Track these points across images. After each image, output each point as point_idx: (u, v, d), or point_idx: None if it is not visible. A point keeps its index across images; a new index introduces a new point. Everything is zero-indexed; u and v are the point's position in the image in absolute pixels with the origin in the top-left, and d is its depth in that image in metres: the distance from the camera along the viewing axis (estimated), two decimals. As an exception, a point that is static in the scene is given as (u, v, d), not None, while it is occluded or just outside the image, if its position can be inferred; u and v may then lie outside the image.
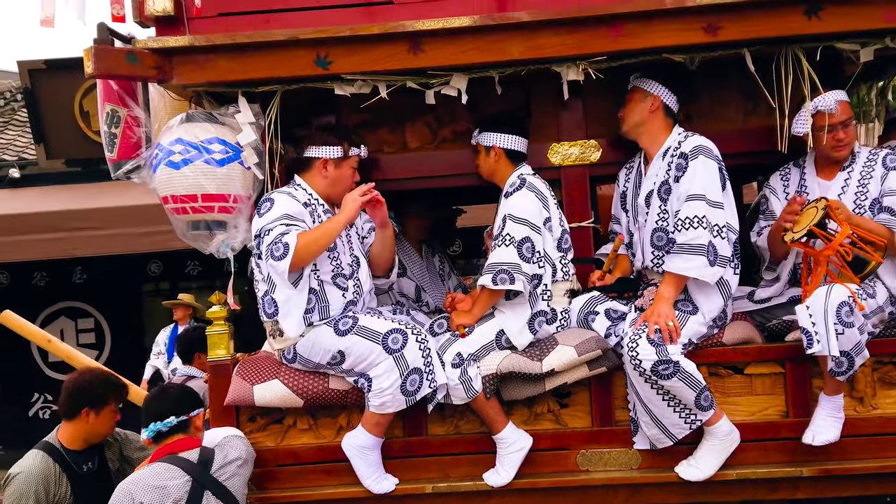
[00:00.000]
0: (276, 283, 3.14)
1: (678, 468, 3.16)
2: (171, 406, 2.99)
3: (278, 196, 3.24)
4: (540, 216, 3.23)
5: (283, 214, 3.15)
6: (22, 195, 9.75)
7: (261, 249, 3.16)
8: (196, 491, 2.84)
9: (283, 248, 3.06)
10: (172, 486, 2.82)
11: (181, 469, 2.86)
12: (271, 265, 3.09)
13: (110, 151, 3.43)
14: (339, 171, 3.35)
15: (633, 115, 3.33)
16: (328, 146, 3.34)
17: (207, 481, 2.88)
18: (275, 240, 3.08)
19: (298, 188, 3.34)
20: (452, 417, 3.34)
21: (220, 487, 2.89)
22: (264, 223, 3.15)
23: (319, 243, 3.14)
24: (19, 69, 9.73)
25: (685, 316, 3.13)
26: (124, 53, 3.07)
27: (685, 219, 3.10)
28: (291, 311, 3.16)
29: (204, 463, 2.91)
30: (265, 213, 3.18)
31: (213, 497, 2.87)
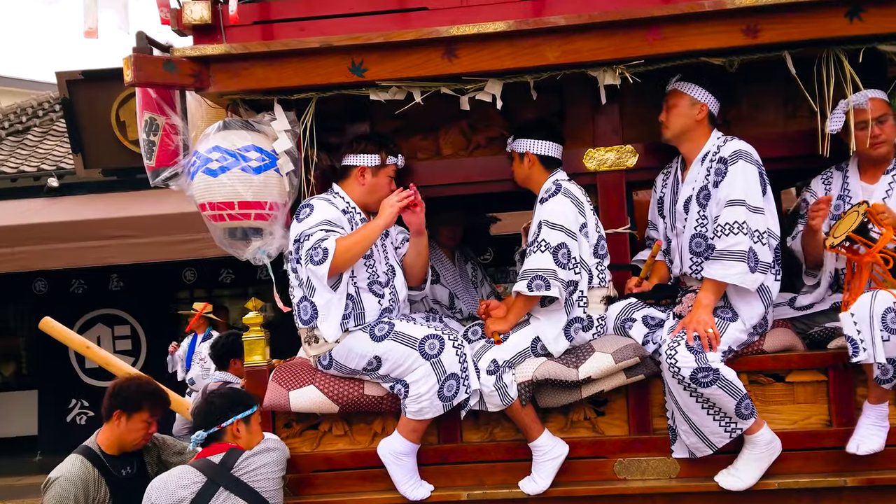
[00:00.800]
0: (315, 287, 3.15)
1: (718, 477, 3.11)
2: (198, 422, 3.06)
3: (317, 202, 3.26)
4: (576, 222, 3.21)
5: (322, 220, 3.17)
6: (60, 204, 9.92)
7: (300, 254, 3.17)
8: (207, 489, 2.88)
9: (322, 252, 3.08)
10: (180, 484, 2.89)
11: (198, 470, 2.92)
12: (311, 269, 3.11)
13: (149, 159, 3.47)
14: (376, 180, 3.37)
15: (678, 121, 3.27)
16: (366, 154, 3.36)
17: (224, 479, 2.90)
18: (314, 245, 3.10)
19: (337, 196, 3.36)
20: (487, 425, 3.32)
21: (239, 484, 2.91)
22: (303, 228, 3.17)
23: (358, 248, 3.15)
24: (58, 80, 9.92)
25: (725, 323, 3.09)
26: (163, 62, 3.11)
27: (725, 224, 3.05)
28: (330, 316, 3.16)
29: (225, 463, 2.94)
30: (304, 218, 3.20)
31: (229, 494, 2.88)
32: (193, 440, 3.03)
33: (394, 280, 3.38)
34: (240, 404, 3.07)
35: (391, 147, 3.43)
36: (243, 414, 3.04)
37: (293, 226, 3.25)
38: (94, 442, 3.40)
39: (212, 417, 3.02)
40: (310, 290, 3.17)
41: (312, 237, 3.13)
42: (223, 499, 2.88)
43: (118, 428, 3.37)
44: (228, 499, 2.88)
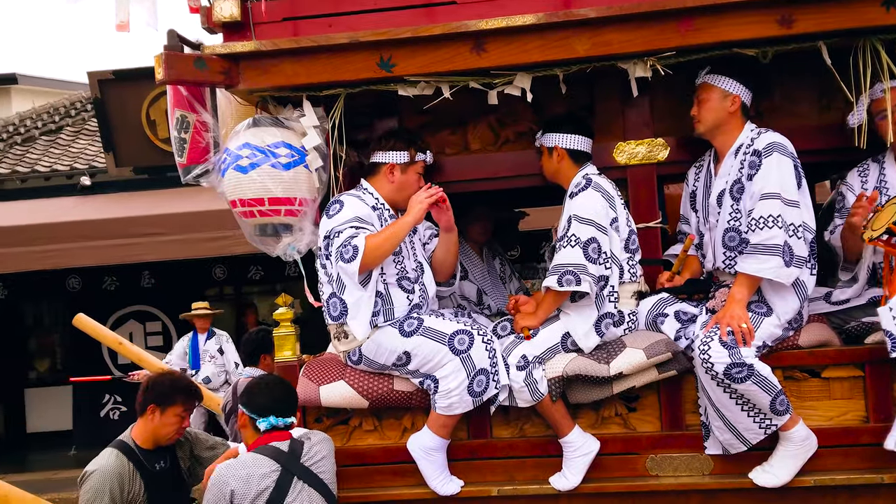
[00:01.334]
0: (345, 284, 3.15)
1: (752, 474, 3.07)
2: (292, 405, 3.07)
3: (347, 198, 3.26)
4: (606, 216, 3.18)
5: (353, 217, 3.18)
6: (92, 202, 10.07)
7: (329, 251, 3.18)
8: (284, 478, 2.88)
9: (352, 250, 3.08)
10: (259, 473, 2.87)
11: (270, 458, 2.91)
12: (341, 267, 3.11)
13: (180, 156, 3.50)
14: (405, 177, 3.36)
15: (710, 115, 3.22)
16: (395, 151, 3.35)
17: (297, 469, 2.92)
18: (344, 242, 3.11)
19: (366, 192, 3.36)
20: (517, 420, 3.31)
21: (310, 475, 2.94)
22: (334, 225, 3.18)
23: (387, 245, 3.15)
24: (89, 80, 10.05)
25: (759, 318, 3.04)
26: (193, 59, 3.12)
27: (759, 218, 3.00)
28: (360, 313, 3.16)
29: (294, 451, 2.95)
30: (334, 214, 3.21)
31: (304, 484, 2.90)
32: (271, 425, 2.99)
33: (423, 276, 3.38)
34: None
35: (420, 144, 3.41)
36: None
37: (323, 222, 3.25)
38: (128, 436, 3.44)
39: (289, 403, 3.06)
40: (339, 287, 3.17)
41: (342, 234, 3.13)
42: (299, 490, 2.90)
43: (152, 422, 3.40)
44: (304, 490, 2.91)
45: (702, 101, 3.23)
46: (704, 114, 3.23)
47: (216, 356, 8.50)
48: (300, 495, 2.89)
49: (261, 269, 10.65)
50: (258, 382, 3.14)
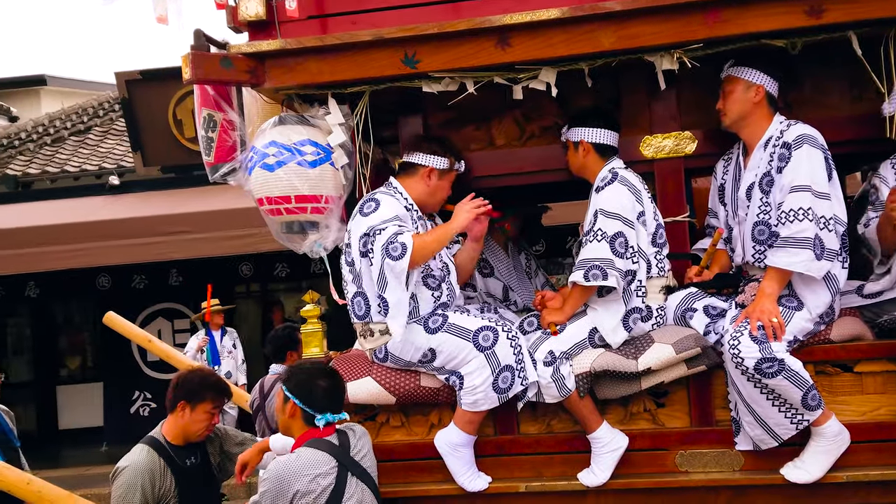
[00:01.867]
0: (388, 282, 3.08)
1: (784, 470, 3.03)
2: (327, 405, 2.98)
3: (383, 197, 3.25)
4: (633, 210, 3.16)
5: (393, 216, 3.16)
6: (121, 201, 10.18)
7: (370, 248, 3.13)
8: (342, 474, 2.87)
9: (400, 248, 3.03)
10: (322, 472, 2.83)
11: (327, 453, 2.88)
12: (388, 265, 3.05)
13: (207, 155, 3.52)
14: (440, 183, 3.37)
15: (735, 107, 3.19)
16: (436, 156, 3.35)
17: (349, 463, 2.91)
18: (390, 240, 3.06)
19: (397, 192, 3.35)
20: (545, 416, 3.30)
21: (360, 468, 2.93)
22: (374, 223, 3.14)
23: (431, 248, 3.16)
24: (117, 80, 10.15)
25: (790, 312, 3.01)
26: (219, 59, 3.14)
27: (789, 211, 2.97)
28: (400, 313, 3.10)
29: (343, 445, 2.95)
30: (371, 212, 3.18)
31: (356, 479, 2.90)
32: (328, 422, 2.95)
33: (449, 276, 3.37)
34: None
35: (457, 152, 3.43)
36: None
37: (357, 220, 3.22)
38: (159, 432, 3.48)
39: (342, 399, 3.05)
40: (381, 284, 3.10)
41: (386, 232, 3.09)
42: (354, 487, 2.88)
43: (182, 419, 3.43)
44: (358, 485, 2.89)
45: (726, 93, 3.20)
46: (729, 106, 3.19)
47: (232, 351, 8.64)
48: (355, 493, 2.87)
49: (287, 266, 10.72)
50: (313, 376, 3.02)
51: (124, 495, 3.28)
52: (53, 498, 3.41)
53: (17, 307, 12.25)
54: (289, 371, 3.09)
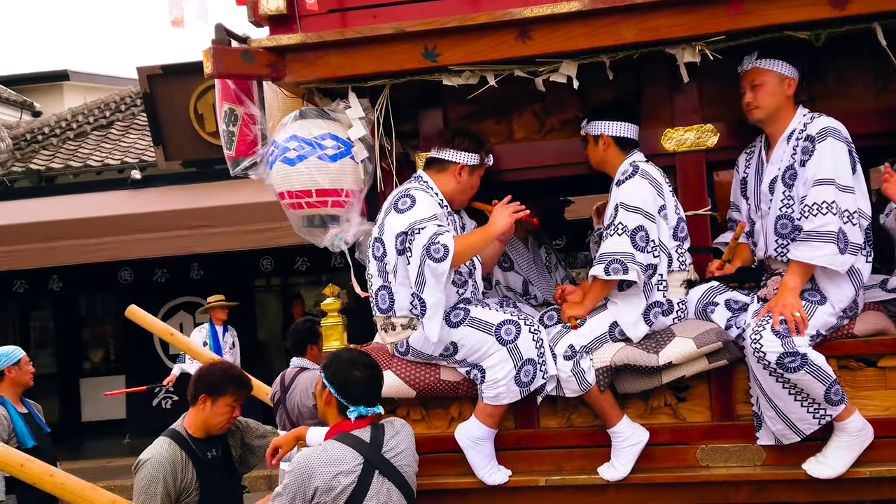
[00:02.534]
0: (427, 283, 3.05)
1: (806, 465, 3.01)
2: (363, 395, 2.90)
3: (419, 194, 3.21)
4: (654, 204, 3.14)
5: (432, 214, 3.13)
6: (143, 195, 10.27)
7: (407, 246, 3.10)
8: (366, 473, 2.78)
9: (442, 249, 3.00)
10: (345, 469, 2.76)
11: (353, 449, 2.80)
12: (430, 266, 3.02)
13: (229, 149, 3.54)
14: (470, 179, 3.36)
15: (770, 100, 3.12)
16: (468, 153, 3.33)
17: (378, 461, 2.82)
18: (431, 240, 3.03)
19: (429, 188, 3.31)
20: (565, 410, 3.29)
21: (391, 468, 2.83)
22: (412, 220, 3.10)
23: (471, 252, 3.17)
24: (138, 75, 10.22)
25: (813, 306, 2.98)
26: (240, 53, 3.16)
27: (813, 205, 2.94)
28: (437, 315, 3.08)
29: (375, 441, 2.86)
30: (407, 209, 3.14)
31: (384, 479, 2.81)
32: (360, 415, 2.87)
33: (475, 272, 3.34)
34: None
35: (487, 148, 3.41)
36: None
37: (393, 216, 3.18)
38: (181, 425, 3.51)
39: (379, 391, 2.96)
40: (419, 285, 3.07)
41: (426, 232, 3.05)
42: (379, 485, 2.79)
43: (204, 412, 3.46)
44: (384, 486, 2.80)
45: (757, 85, 3.13)
46: (763, 99, 3.13)
47: (233, 348, 8.81)
48: (379, 493, 2.78)
49: (307, 260, 10.76)
50: (351, 366, 2.93)
51: (146, 487, 3.32)
52: (76, 490, 3.45)
53: (41, 300, 12.40)
54: (329, 358, 3.03)
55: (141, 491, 3.33)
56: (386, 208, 3.26)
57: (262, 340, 12.15)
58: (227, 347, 8.93)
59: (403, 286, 3.17)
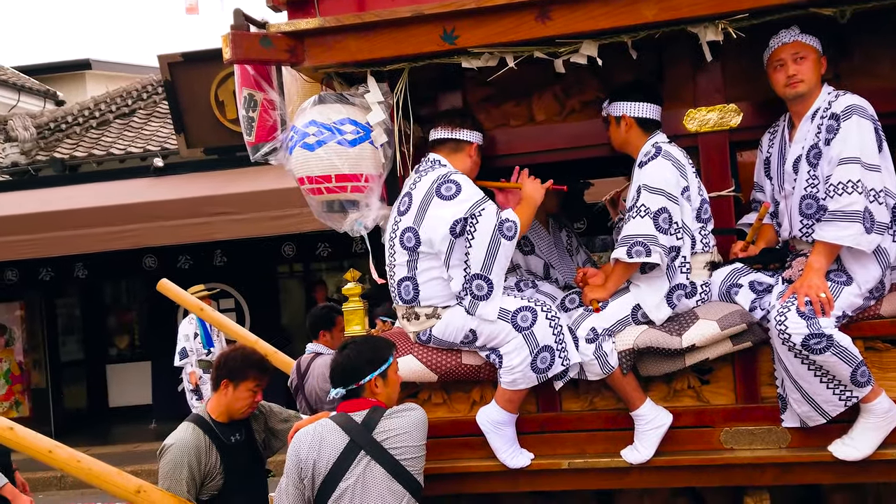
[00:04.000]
0: (498, 262, 3.10)
1: (832, 447, 2.99)
2: (337, 380, 2.98)
3: (458, 177, 3.21)
4: (677, 185, 3.11)
5: (482, 195, 3.17)
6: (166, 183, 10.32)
7: (469, 229, 3.10)
8: (351, 450, 2.84)
9: (514, 226, 3.12)
10: (327, 442, 2.87)
11: (341, 427, 2.89)
12: (504, 245, 3.10)
13: (248, 135, 3.54)
14: (478, 158, 3.39)
15: (813, 75, 3.06)
16: (478, 132, 3.38)
17: (365, 442, 2.86)
18: (501, 219, 3.11)
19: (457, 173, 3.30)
20: (587, 393, 3.28)
21: (380, 450, 2.86)
22: (469, 204, 3.11)
23: (527, 226, 3.24)
24: (160, 63, 10.26)
25: (839, 287, 2.94)
26: (259, 38, 3.15)
27: (838, 184, 2.90)
28: (499, 294, 3.15)
29: (367, 424, 2.90)
30: (458, 195, 3.14)
31: (370, 459, 2.84)
32: (332, 395, 2.99)
33: None
34: (376, 360, 3.01)
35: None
36: (380, 369, 2.99)
37: (438, 205, 3.15)
38: (204, 410, 3.54)
39: (349, 375, 2.97)
40: (488, 266, 3.09)
41: (488, 210, 3.11)
42: (363, 465, 2.84)
43: (225, 397, 3.49)
44: (368, 465, 2.84)
45: (802, 58, 3.05)
46: (808, 72, 3.06)
47: (220, 335, 8.98)
48: (364, 470, 2.83)
49: (328, 246, 10.78)
50: (342, 348, 3.05)
51: (171, 472, 3.36)
52: (103, 475, 3.49)
53: (67, 288, 12.54)
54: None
55: (166, 476, 3.37)
56: (423, 198, 3.20)
57: (286, 326, 12.22)
58: (216, 334, 9.07)
59: (457, 269, 3.15)
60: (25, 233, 9.23)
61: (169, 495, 3.35)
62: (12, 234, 9.25)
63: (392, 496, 2.87)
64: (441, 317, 3.20)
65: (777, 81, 3.11)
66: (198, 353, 9.01)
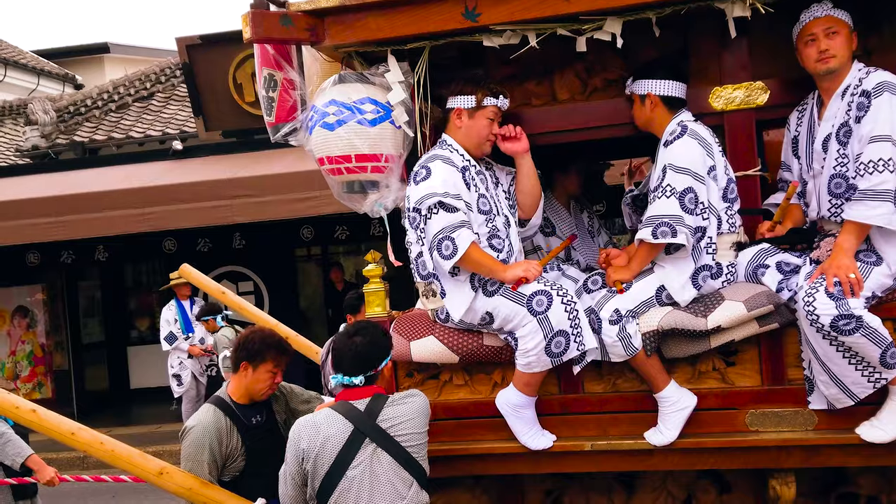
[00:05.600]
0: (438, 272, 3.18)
1: (860, 429, 2.94)
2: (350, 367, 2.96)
3: (435, 164, 3.17)
4: (703, 165, 3.06)
5: (444, 191, 3.10)
6: (185, 166, 10.33)
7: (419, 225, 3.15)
8: (355, 439, 2.84)
9: (452, 247, 3.06)
10: (331, 431, 2.85)
11: (343, 416, 2.88)
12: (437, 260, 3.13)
13: (269, 115, 3.52)
14: (472, 122, 3.28)
15: (845, 51, 2.99)
16: (462, 96, 3.28)
17: (370, 430, 2.86)
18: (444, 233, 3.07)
19: (451, 149, 3.28)
20: (610, 375, 3.26)
21: (385, 437, 2.87)
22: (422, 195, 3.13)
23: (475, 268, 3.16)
24: (178, 45, 10.24)
25: (868, 267, 2.89)
26: (279, 17, 3.12)
27: (869, 162, 2.84)
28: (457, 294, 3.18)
29: (370, 411, 2.90)
30: (421, 181, 3.16)
31: (375, 446, 2.85)
32: (339, 382, 2.96)
33: (510, 231, 3.33)
34: (387, 345, 3.05)
35: (490, 88, 3.29)
36: (390, 354, 3.02)
37: (411, 187, 3.20)
38: (225, 392, 3.54)
39: (367, 362, 2.97)
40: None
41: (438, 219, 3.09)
42: (369, 452, 2.84)
43: (245, 379, 3.49)
44: (375, 453, 2.84)
45: (834, 33, 2.98)
46: (840, 48, 2.99)
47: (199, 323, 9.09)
48: (370, 458, 2.83)
49: (346, 228, 10.76)
50: (345, 336, 3.03)
51: (193, 454, 3.37)
52: (125, 456, 3.51)
53: (88, 271, 12.63)
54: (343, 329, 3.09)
55: (188, 457, 3.39)
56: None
57: (304, 308, 12.26)
58: (195, 321, 9.20)
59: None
60: (47, 216, 9.29)
61: (191, 476, 3.36)
62: (34, 216, 9.31)
63: (401, 483, 2.87)
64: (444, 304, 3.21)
65: (808, 57, 3.04)
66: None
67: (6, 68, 16.95)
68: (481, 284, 3.17)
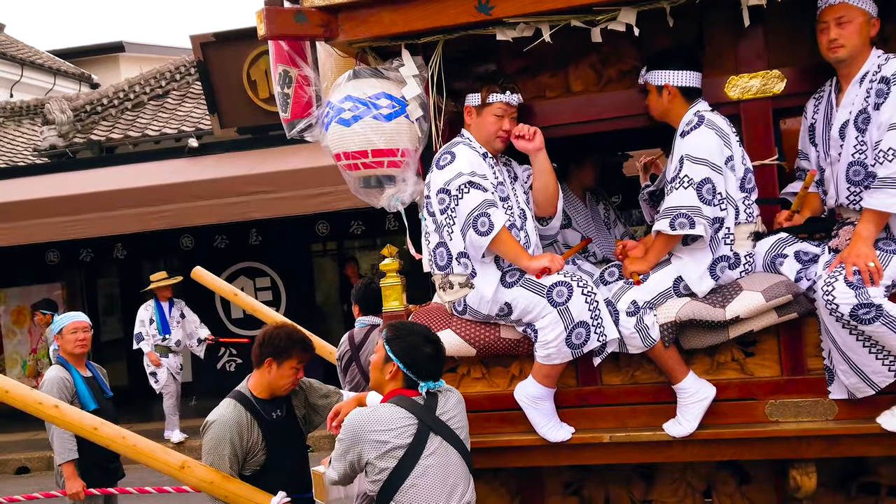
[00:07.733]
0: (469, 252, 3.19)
1: (880, 419, 2.92)
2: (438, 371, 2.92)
3: (459, 148, 3.24)
4: (721, 155, 3.04)
5: (471, 171, 3.14)
6: (201, 163, 10.38)
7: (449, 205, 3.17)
8: (422, 434, 2.77)
9: (488, 224, 3.07)
10: (396, 429, 2.76)
11: (407, 410, 2.80)
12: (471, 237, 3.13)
13: (284, 111, 3.53)
14: (480, 119, 3.31)
15: (857, 39, 2.96)
16: (471, 93, 3.33)
17: (433, 423, 2.81)
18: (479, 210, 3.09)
19: (472, 141, 3.33)
20: (628, 367, 3.25)
21: (446, 429, 2.82)
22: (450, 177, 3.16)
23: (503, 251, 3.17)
24: (192, 43, 10.29)
25: (888, 255, 2.87)
26: (293, 13, 3.14)
27: (888, 150, 2.82)
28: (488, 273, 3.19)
29: (429, 405, 2.85)
30: (447, 165, 3.20)
31: (441, 439, 2.80)
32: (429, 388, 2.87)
33: (526, 223, 3.33)
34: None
35: (497, 84, 3.29)
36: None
37: (434, 172, 3.22)
38: (245, 387, 3.56)
39: (443, 362, 2.95)
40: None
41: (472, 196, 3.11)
42: (436, 446, 2.78)
43: (269, 374, 3.50)
44: (441, 446, 2.79)
45: (843, 22, 2.96)
46: (850, 37, 2.96)
47: (180, 321, 9.17)
48: (437, 450, 2.78)
49: (361, 224, 10.79)
50: (419, 342, 2.88)
51: (214, 448, 3.39)
52: (147, 451, 3.55)
53: (107, 268, 12.72)
54: (395, 331, 2.93)
55: (209, 452, 3.41)
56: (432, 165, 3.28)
57: (320, 303, 12.30)
58: (175, 322, 9.38)
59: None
60: (65, 214, 9.36)
61: (212, 470, 3.39)
62: (52, 216, 9.39)
63: (465, 475, 2.85)
64: (475, 287, 3.19)
65: (821, 44, 3.03)
66: (154, 338, 9.30)
67: (23, 69, 17.11)
68: (501, 276, 3.17)
